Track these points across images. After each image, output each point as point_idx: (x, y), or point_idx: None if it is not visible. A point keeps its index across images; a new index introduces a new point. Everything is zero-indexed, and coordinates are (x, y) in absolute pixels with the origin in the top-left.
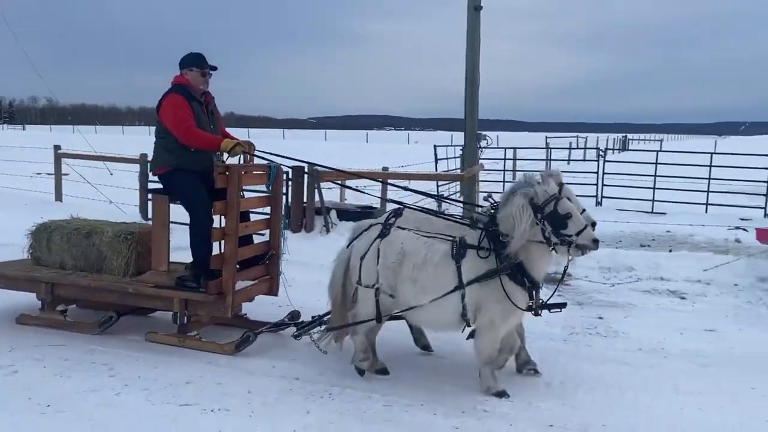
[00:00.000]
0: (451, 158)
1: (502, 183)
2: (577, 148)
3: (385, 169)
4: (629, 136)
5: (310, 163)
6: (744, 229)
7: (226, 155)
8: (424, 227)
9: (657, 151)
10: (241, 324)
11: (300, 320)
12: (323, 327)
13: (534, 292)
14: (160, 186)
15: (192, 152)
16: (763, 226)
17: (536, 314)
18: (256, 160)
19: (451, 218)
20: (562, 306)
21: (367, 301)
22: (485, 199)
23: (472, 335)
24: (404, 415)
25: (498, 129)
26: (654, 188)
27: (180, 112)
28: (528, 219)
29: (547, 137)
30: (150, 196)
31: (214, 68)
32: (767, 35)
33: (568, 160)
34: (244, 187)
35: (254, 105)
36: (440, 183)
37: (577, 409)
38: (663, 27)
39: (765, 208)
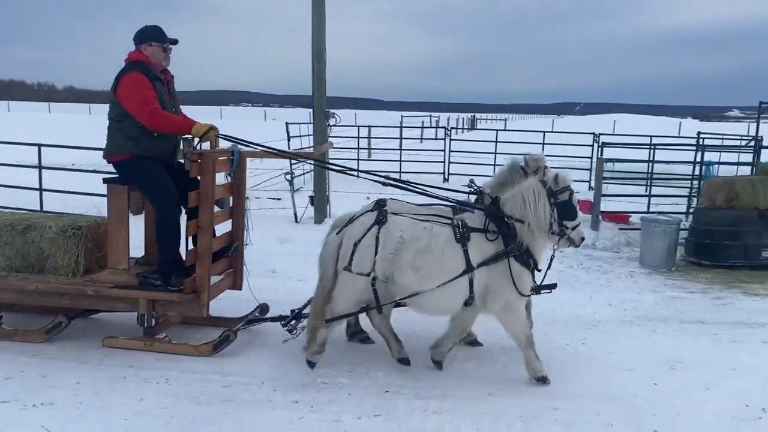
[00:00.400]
0: (305, 136)
1: (356, 161)
2: (430, 126)
3: None
4: (478, 115)
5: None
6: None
7: (196, 140)
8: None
9: (497, 130)
10: (206, 322)
11: (268, 314)
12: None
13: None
14: (114, 175)
15: (155, 137)
16: (584, 198)
17: (537, 293)
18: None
19: (437, 198)
20: (552, 287)
21: (351, 289)
22: (468, 185)
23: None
24: (244, 394)
25: (356, 107)
26: (494, 165)
27: (143, 93)
28: (544, 205)
29: (402, 116)
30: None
31: (175, 42)
32: (602, 23)
33: (421, 139)
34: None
35: (93, 79)
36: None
37: (410, 374)
38: (513, 11)
39: (589, 182)
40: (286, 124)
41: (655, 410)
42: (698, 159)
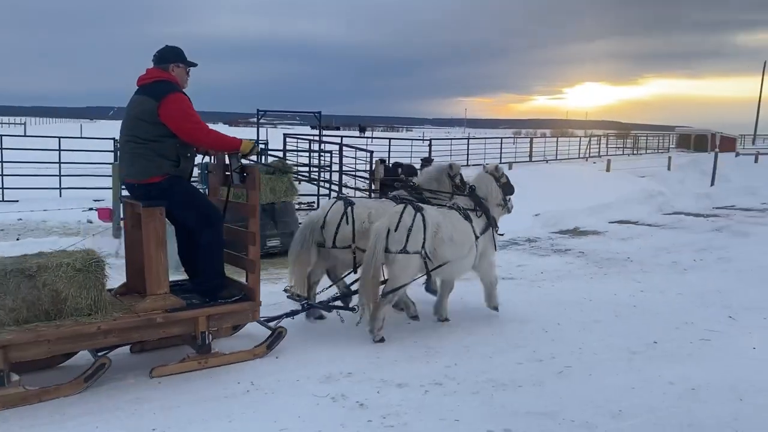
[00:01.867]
0: None
1: None
2: None
3: None
4: None
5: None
6: (95, 210)
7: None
8: (379, 207)
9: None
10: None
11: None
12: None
13: None
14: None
15: (188, 157)
16: (104, 206)
17: None
18: None
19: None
20: None
21: (409, 266)
22: (407, 182)
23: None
24: None
25: None
26: (2, 175)
27: (194, 113)
28: (495, 186)
29: None
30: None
31: (196, 64)
32: (141, 27)
33: None
34: None
35: None
36: None
37: None
38: (38, 10)
39: (112, 188)
40: None
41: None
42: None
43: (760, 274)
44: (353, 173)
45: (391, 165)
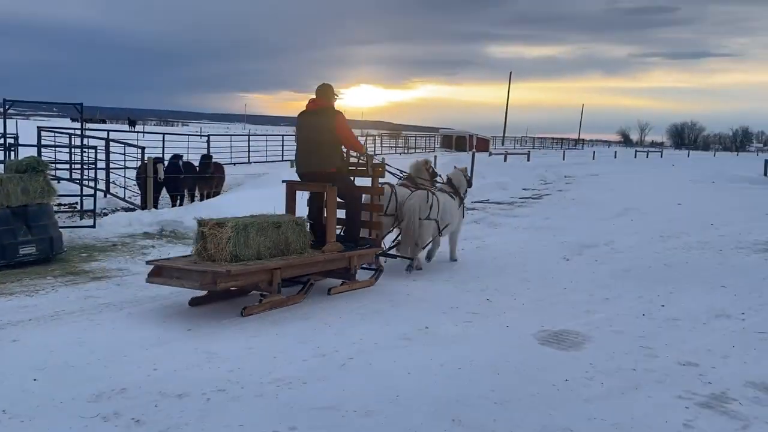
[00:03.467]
0: None
1: None
2: None
3: None
4: None
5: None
6: None
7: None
8: (406, 190)
9: None
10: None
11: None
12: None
13: None
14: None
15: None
16: None
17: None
18: None
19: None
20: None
21: (430, 228)
22: (401, 172)
23: None
24: None
25: None
26: None
27: (350, 128)
28: (464, 181)
29: None
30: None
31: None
32: None
33: None
34: None
35: None
36: None
37: None
38: None
39: None
40: None
41: None
42: None
43: (507, 260)
44: (122, 171)
45: (170, 158)
